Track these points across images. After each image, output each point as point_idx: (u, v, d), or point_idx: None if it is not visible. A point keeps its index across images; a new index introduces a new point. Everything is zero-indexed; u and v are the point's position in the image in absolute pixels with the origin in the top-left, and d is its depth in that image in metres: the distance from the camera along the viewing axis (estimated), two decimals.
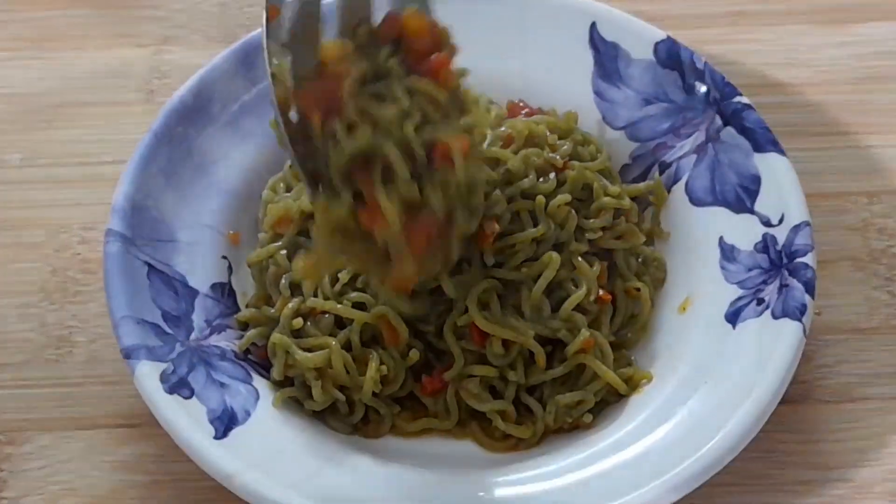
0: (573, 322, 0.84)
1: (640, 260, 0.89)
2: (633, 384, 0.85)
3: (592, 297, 0.85)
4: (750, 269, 0.87)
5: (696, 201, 0.91)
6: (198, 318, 0.85)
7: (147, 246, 0.86)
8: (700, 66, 0.94)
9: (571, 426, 0.84)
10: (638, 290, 0.87)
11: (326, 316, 0.84)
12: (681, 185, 0.92)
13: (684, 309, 0.87)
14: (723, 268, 0.87)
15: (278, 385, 0.84)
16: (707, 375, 0.83)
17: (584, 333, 0.83)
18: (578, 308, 0.84)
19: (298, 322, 0.84)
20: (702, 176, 0.91)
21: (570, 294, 0.84)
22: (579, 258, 0.86)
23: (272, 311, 0.86)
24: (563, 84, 0.96)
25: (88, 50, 1.06)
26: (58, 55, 1.05)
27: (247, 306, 0.88)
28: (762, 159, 0.89)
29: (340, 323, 0.84)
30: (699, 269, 0.89)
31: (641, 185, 0.92)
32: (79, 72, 1.05)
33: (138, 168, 0.88)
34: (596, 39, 0.97)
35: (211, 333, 0.85)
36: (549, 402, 0.83)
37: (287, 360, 0.83)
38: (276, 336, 0.83)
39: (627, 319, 0.88)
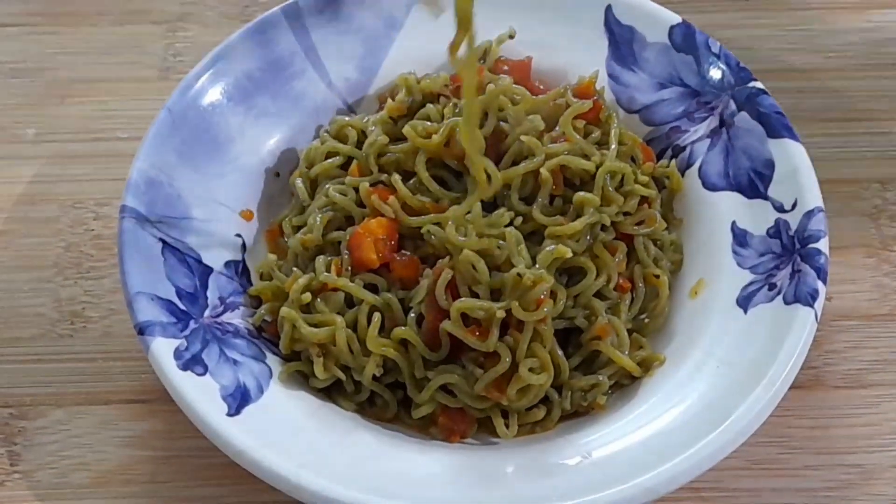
0: (592, 308, 0.84)
1: (657, 244, 0.89)
2: (645, 366, 0.85)
3: (612, 285, 0.85)
4: (762, 255, 0.87)
5: (709, 186, 0.91)
6: (212, 296, 0.85)
7: (161, 222, 0.86)
8: (715, 50, 0.94)
9: (586, 409, 0.84)
10: (657, 276, 0.87)
11: (337, 293, 0.84)
12: (694, 170, 0.92)
13: (696, 293, 0.87)
14: (735, 252, 0.88)
15: (287, 361, 0.84)
16: (718, 359, 0.83)
17: (601, 320, 0.83)
18: (598, 295, 0.85)
19: (307, 297, 0.84)
20: (715, 160, 0.91)
21: (591, 281, 0.84)
22: (601, 245, 0.86)
23: (284, 284, 0.86)
24: (577, 66, 0.96)
25: (104, 26, 1.06)
26: (73, 30, 1.05)
27: (260, 277, 0.88)
28: (776, 145, 0.89)
29: (351, 302, 0.84)
30: (712, 253, 0.89)
31: (657, 168, 0.92)
32: (94, 47, 1.05)
33: (153, 144, 0.88)
34: (611, 22, 0.97)
35: (225, 311, 0.85)
36: (565, 387, 0.83)
37: (293, 335, 0.83)
38: (284, 310, 0.84)
39: (645, 305, 0.88)
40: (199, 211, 0.88)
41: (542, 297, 0.80)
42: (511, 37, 0.96)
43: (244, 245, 0.90)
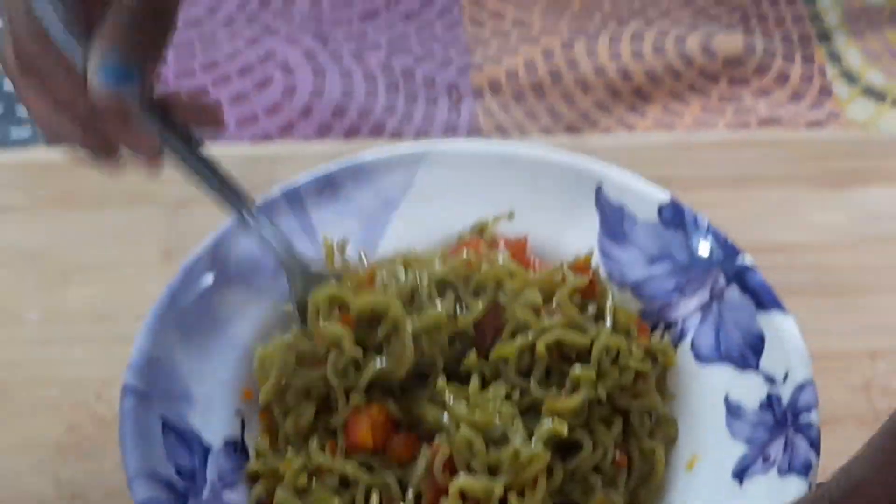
0: (588, 484, 0.85)
1: (652, 418, 0.91)
2: None
3: (609, 459, 0.86)
4: (755, 427, 0.88)
5: (701, 358, 0.93)
6: (211, 474, 0.86)
7: (162, 401, 0.87)
8: (703, 226, 0.97)
9: None
10: (653, 451, 0.88)
11: (333, 474, 0.85)
12: (686, 343, 0.94)
13: (691, 466, 0.88)
14: (729, 425, 0.89)
15: None
16: None
17: (599, 496, 0.84)
18: (595, 469, 0.86)
19: (303, 480, 0.85)
20: (707, 334, 0.93)
21: (587, 454, 0.85)
22: (597, 419, 0.87)
23: (280, 463, 0.87)
24: (571, 242, 0.99)
25: (108, 209, 1.09)
26: (77, 214, 1.08)
27: (257, 454, 0.89)
28: (766, 318, 0.91)
29: (347, 482, 0.85)
30: (705, 426, 0.90)
31: (652, 343, 0.93)
32: (98, 230, 1.07)
33: (155, 324, 0.90)
34: (602, 201, 1.00)
35: (223, 487, 0.86)
36: None
37: None
38: (279, 494, 0.84)
39: (641, 480, 0.88)
40: (199, 389, 0.90)
41: (538, 474, 0.81)
42: (509, 218, 0.99)
43: (243, 423, 0.91)
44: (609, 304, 0.92)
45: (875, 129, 1.39)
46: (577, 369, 0.87)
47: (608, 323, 0.90)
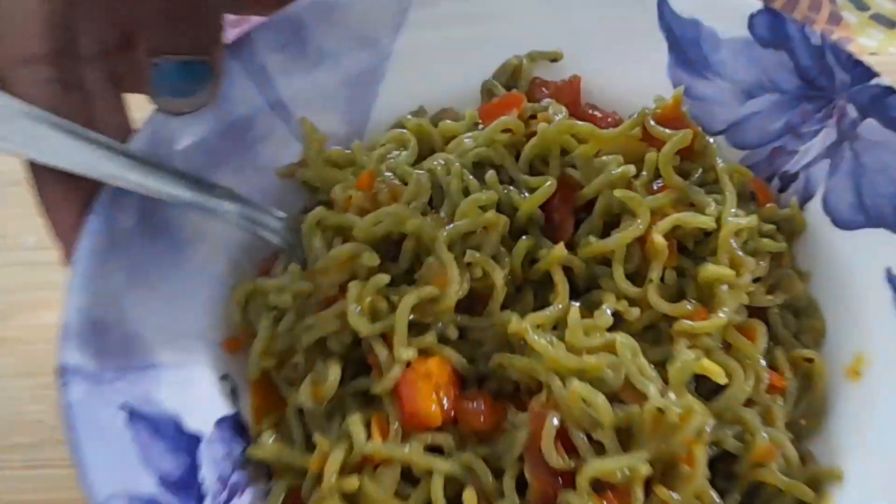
0: (745, 424, 0.61)
1: (792, 312, 0.67)
2: (815, 486, 0.62)
3: (763, 386, 0.62)
4: None
5: (841, 223, 0.68)
6: (209, 476, 0.60)
7: (119, 380, 0.60)
8: (815, 41, 0.71)
9: None
10: (810, 360, 0.64)
11: (391, 467, 0.60)
12: (816, 204, 0.69)
13: (858, 373, 0.65)
14: None
15: None
16: None
17: (761, 440, 0.60)
18: (746, 402, 0.61)
19: (353, 484, 0.59)
20: (843, 188, 0.69)
21: (738, 388, 0.61)
22: (734, 330, 0.62)
23: (299, 455, 0.61)
24: (630, 82, 0.72)
25: None
26: None
27: (256, 420, 0.63)
28: None
29: (410, 475, 0.60)
30: (866, 315, 0.66)
31: (780, 212, 0.69)
32: None
33: (90, 266, 0.62)
34: (668, 18, 0.73)
35: (230, 497, 0.60)
36: None
37: None
38: None
39: (798, 400, 0.65)
40: (167, 353, 0.63)
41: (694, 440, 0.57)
42: (555, 59, 0.72)
43: (234, 391, 0.64)
44: (720, 166, 0.66)
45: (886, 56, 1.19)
46: (710, 268, 0.62)
47: (730, 194, 0.65)
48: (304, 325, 0.62)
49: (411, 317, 0.60)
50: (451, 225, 0.62)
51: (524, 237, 0.64)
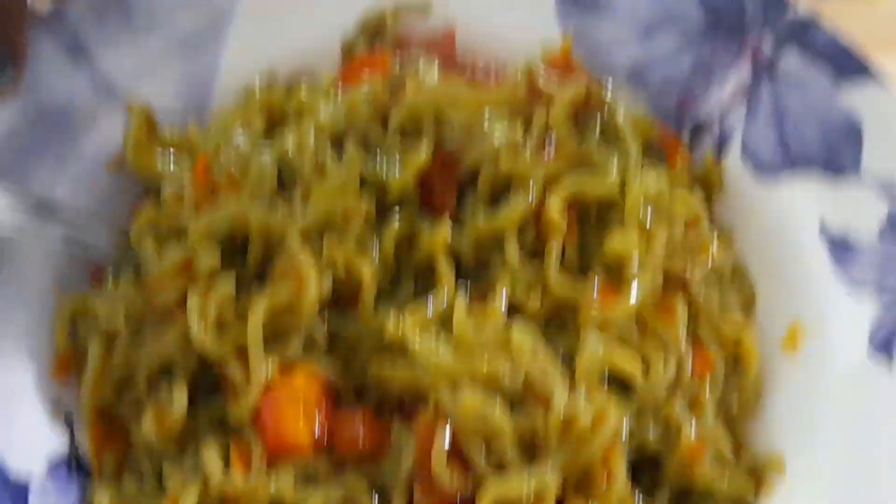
0: (668, 419, 0.52)
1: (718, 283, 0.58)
2: (760, 482, 0.53)
3: (687, 370, 0.53)
4: (883, 266, 0.56)
5: (763, 168, 0.59)
6: None
7: None
8: None
9: None
10: (738, 339, 0.55)
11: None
12: (734, 151, 0.60)
13: (794, 344, 0.56)
14: (838, 269, 0.56)
15: None
16: (866, 450, 0.53)
17: (688, 435, 0.51)
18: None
19: None
20: (763, 130, 0.60)
21: (658, 376, 0.52)
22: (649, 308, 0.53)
23: (150, 498, 0.51)
24: (513, 28, 0.63)
25: None
26: None
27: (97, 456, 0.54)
28: (853, 92, 0.58)
29: None
30: (799, 276, 0.57)
31: (693, 168, 0.60)
32: None
33: None
34: None
35: None
36: None
37: None
38: None
39: (729, 383, 0.56)
40: None
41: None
42: (424, 10, 0.62)
43: (69, 420, 0.54)
44: (621, 117, 0.57)
45: None
46: (616, 241, 0.53)
47: (634, 151, 0.56)
48: (142, 350, 0.52)
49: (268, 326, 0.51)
50: (305, 215, 0.52)
51: (397, 217, 0.54)
